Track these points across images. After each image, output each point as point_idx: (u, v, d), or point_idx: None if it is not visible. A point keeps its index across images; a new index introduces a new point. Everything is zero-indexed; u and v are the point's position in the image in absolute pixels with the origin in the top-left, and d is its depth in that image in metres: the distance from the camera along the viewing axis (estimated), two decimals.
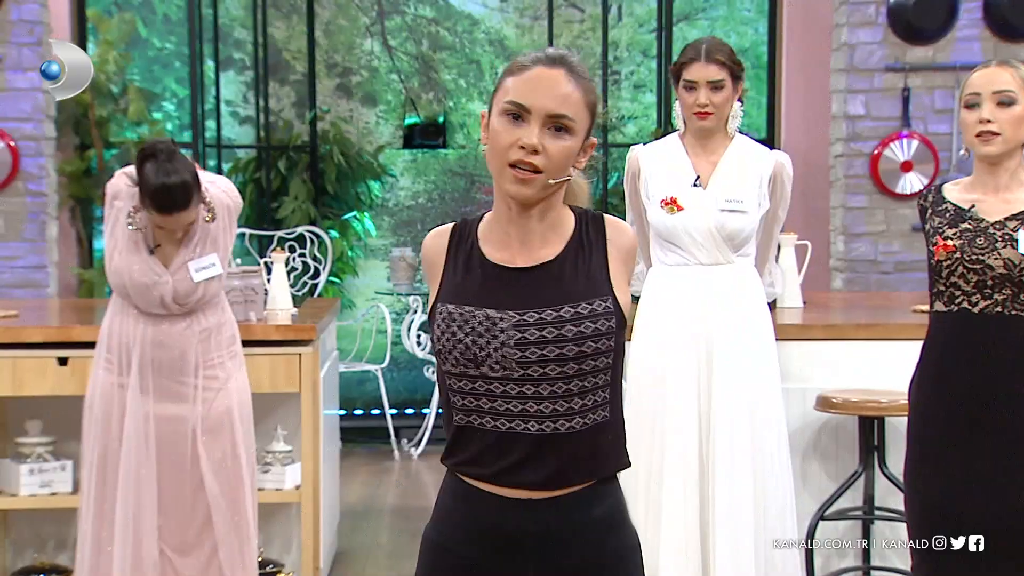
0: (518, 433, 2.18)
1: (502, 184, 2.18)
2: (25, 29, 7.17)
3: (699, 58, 4.03)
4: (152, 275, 3.96)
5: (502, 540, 2.21)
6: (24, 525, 4.99)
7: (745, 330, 4.05)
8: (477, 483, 2.22)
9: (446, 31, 8.99)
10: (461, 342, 2.18)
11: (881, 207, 7.57)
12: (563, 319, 2.17)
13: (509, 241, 2.24)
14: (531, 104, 2.15)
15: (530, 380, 2.17)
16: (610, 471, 2.26)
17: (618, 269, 2.26)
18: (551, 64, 2.17)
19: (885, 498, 4.51)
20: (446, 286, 2.25)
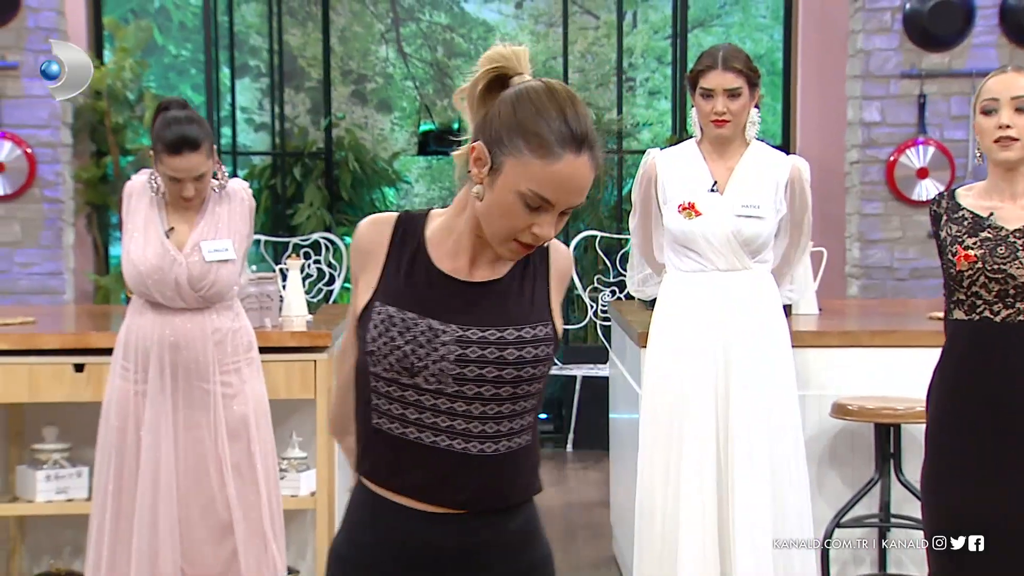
0: (441, 449, 2.12)
1: (496, 246, 2.12)
2: (41, 36, 7.19)
3: (716, 66, 4.02)
4: (167, 257, 3.98)
5: (418, 556, 2.15)
6: (41, 531, 5.00)
7: (762, 336, 4.04)
8: (393, 495, 2.15)
9: (461, 38, 9.00)
10: (399, 349, 2.11)
11: (897, 214, 7.55)
12: (505, 341, 2.12)
13: (460, 252, 2.17)
14: (558, 202, 2.08)
15: (463, 397, 2.11)
16: (524, 496, 2.21)
17: (556, 294, 2.22)
18: (578, 150, 2.05)
19: (901, 505, 4.50)
20: (386, 285, 2.17)
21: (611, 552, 5.76)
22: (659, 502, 4.02)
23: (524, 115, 2.07)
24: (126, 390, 4.02)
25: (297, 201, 8.43)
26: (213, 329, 4.04)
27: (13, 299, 7.14)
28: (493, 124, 2.09)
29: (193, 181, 3.99)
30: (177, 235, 4.04)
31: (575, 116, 2.07)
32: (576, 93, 2.14)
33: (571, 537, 6.17)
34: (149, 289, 4.00)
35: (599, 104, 8.80)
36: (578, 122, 2.07)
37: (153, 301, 4.03)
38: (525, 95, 2.09)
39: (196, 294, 4.01)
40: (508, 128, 2.07)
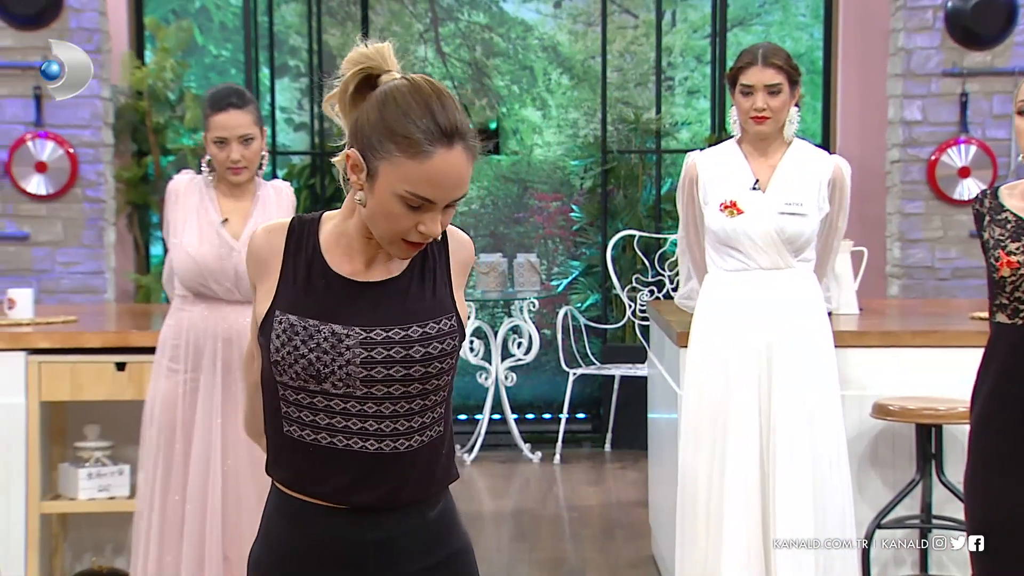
0: (355, 451, 2.11)
1: (387, 247, 2.11)
2: (84, 37, 7.24)
3: (756, 62, 4.02)
4: (225, 247, 4.00)
5: (340, 553, 2.14)
6: (82, 529, 5.04)
7: (805, 336, 4.02)
8: (309, 499, 2.14)
9: (499, 37, 9.00)
10: (304, 357, 2.09)
11: (938, 213, 7.50)
12: (411, 339, 2.10)
13: (354, 254, 2.16)
14: (437, 199, 2.06)
15: (372, 399, 2.10)
16: (442, 486, 2.20)
17: (459, 282, 2.21)
18: (449, 144, 2.04)
19: (943, 506, 4.47)
20: (284, 294, 2.14)
21: (650, 552, 5.75)
22: (702, 502, 4.01)
23: (390, 118, 2.06)
24: (173, 389, 4.02)
25: (336, 200, 8.45)
26: None
27: (55, 298, 7.20)
28: (364, 130, 2.09)
29: (240, 144, 4.00)
30: (232, 226, 4.06)
31: (441, 110, 2.06)
32: (444, 85, 2.13)
33: (609, 537, 6.17)
34: (206, 281, 4.00)
35: (637, 103, 8.79)
36: (445, 115, 2.05)
37: (206, 295, 4.03)
38: (390, 96, 2.08)
39: None
40: (377, 133, 2.07)
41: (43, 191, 7.28)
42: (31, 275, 7.23)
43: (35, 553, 4.70)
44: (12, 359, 4.68)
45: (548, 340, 8.36)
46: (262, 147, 4.08)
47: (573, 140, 8.91)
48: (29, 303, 5.10)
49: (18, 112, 7.24)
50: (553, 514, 6.64)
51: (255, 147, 4.04)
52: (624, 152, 8.53)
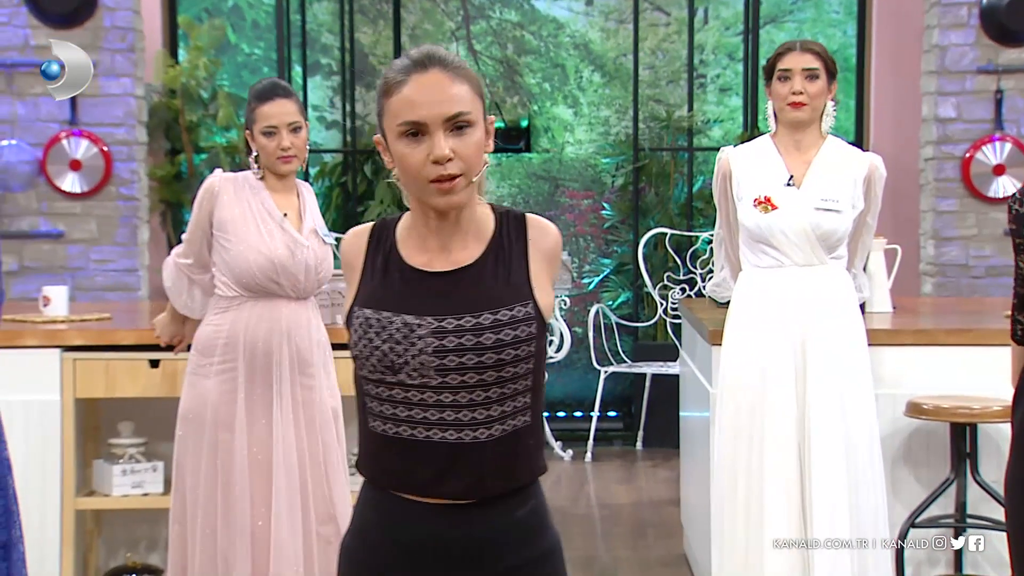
0: (436, 442, 2.12)
1: (429, 200, 2.13)
2: (118, 36, 7.29)
3: (795, 48, 4.04)
4: (294, 242, 4.02)
5: (427, 549, 2.15)
6: (117, 525, 5.06)
7: (839, 333, 4.00)
8: (397, 492, 2.16)
9: (531, 35, 9.00)
10: (378, 349, 2.12)
11: (972, 211, 7.46)
12: (482, 326, 2.11)
13: (427, 245, 2.18)
14: (424, 116, 2.08)
15: (448, 388, 2.11)
16: (530, 478, 2.20)
17: (540, 271, 2.19)
18: (423, 68, 2.10)
19: (977, 506, 4.44)
20: (363, 290, 2.19)
21: (682, 551, 5.73)
22: (742, 500, 4.00)
23: (380, 82, 2.16)
24: (227, 390, 3.98)
25: (368, 198, 8.47)
26: (308, 319, 4.08)
27: (89, 295, 7.24)
28: (376, 112, 2.19)
29: (289, 132, 4.02)
30: (289, 221, 4.08)
31: (416, 51, 2.13)
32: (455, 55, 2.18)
33: (641, 535, 6.16)
34: (278, 278, 3.99)
35: (669, 101, 8.77)
36: (419, 52, 2.13)
37: (269, 293, 4.01)
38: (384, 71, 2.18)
39: (316, 278, 4.06)
40: (376, 103, 2.16)
41: (77, 189, 7.33)
42: (66, 272, 7.28)
43: (69, 549, 4.73)
44: (47, 356, 4.71)
45: (579, 338, 8.35)
46: (307, 140, 4.11)
47: (604, 138, 8.90)
48: (64, 300, 5.13)
49: (53, 110, 7.29)
50: (584, 512, 6.64)
51: (303, 136, 4.06)
52: (656, 150, 8.52)
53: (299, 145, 4.05)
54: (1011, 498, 3.22)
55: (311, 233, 4.08)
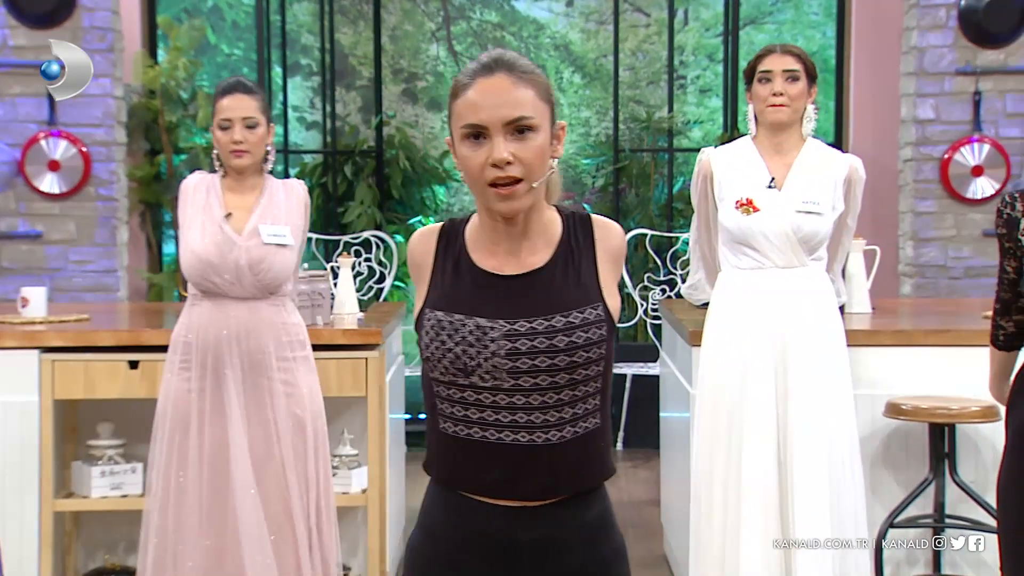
0: (507, 444, 2.14)
1: (490, 204, 2.14)
2: (97, 36, 7.26)
3: (775, 50, 4.06)
4: (227, 241, 4.01)
5: (494, 549, 2.17)
6: (95, 527, 5.04)
7: (820, 334, 4.01)
8: (466, 493, 2.18)
9: (511, 36, 9.00)
10: (451, 351, 2.14)
11: (951, 212, 7.49)
12: (554, 328, 2.13)
13: (497, 249, 2.20)
14: (485, 120, 2.10)
15: (520, 390, 2.13)
16: (599, 480, 2.22)
17: (607, 272, 2.22)
18: (489, 72, 2.12)
19: (956, 506, 4.46)
20: (434, 292, 2.21)
21: (662, 551, 5.74)
22: (719, 501, 4.00)
23: (452, 84, 2.18)
24: (185, 388, 4.02)
25: (348, 199, 8.46)
26: (270, 321, 4.06)
27: (68, 296, 7.21)
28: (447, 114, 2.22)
29: (244, 128, 4.03)
30: (235, 221, 4.07)
31: (486, 55, 2.15)
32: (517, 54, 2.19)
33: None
34: (209, 275, 4.01)
35: (649, 102, 8.78)
36: (488, 56, 2.15)
37: (212, 292, 4.04)
38: None
39: (255, 278, 4.02)
40: (448, 106, 2.19)
41: (56, 190, 7.30)
42: (44, 273, 7.25)
43: (48, 551, 4.71)
44: (25, 357, 4.69)
45: None
46: (268, 139, 4.11)
47: (585, 139, 8.90)
48: (42, 301, 5.11)
49: (31, 111, 7.26)
50: None
51: (259, 133, 4.06)
52: (636, 151, 8.53)
53: (253, 141, 4.05)
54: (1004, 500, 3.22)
55: (252, 233, 4.04)
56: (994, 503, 3.37)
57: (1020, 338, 3.31)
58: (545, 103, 2.15)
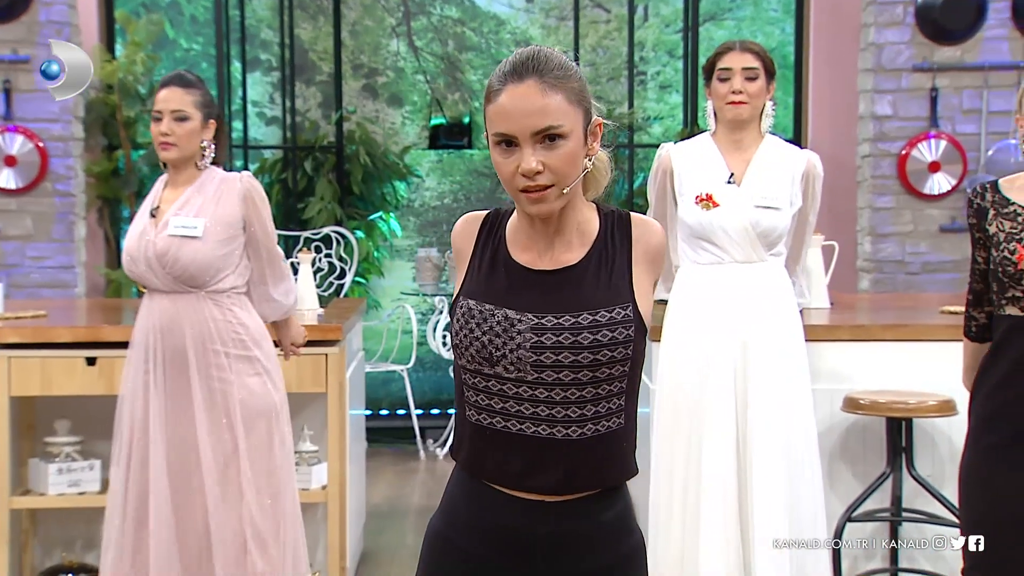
0: (528, 436, 2.16)
1: (522, 207, 2.18)
2: (53, 30, 7.20)
3: (734, 48, 4.08)
4: (144, 236, 4.00)
5: (511, 541, 2.19)
6: (52, 524, 5.01)
7: (778, 329, 4.03)
8: (488, 483, 2.21)
9: (472, 32, 9.00)
10: (478, 339, 2.17)
11: (908, 207, 7.54)
12: (580, 326, 2.15)
13: (533, 244, 2.23)
14: (514, 130, 2.12)
15: (543, 384, 2.15)
16: (619, 480, 2.23)
17: (642, 272, 2.23)
18: (519, 78, 2.13)
19: (912, 499, 4.49)
20: (469, 280, 2.25)
21: None
22: (678, 497, 4.01)
23: (487, 87, 2.18)
24: (132, 381, 4.00)
25: (308, 195, 8.43)
26: (197, 317, 3.98)
27: (25, 293, 7.16)
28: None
29: (172, 120, 4.01)
30: (160, 214, 4.05)
31: (519, 55, 2.15)
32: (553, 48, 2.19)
33: None
34: (130, 267, 4.03)
35: (610, 98, 8.79)
36: (520, 57, 2.15)
37: (147, 287, 4.03)
38: None
39: (164, 271, 3.97)
40: (484, 106, 2.19)
41: (12, 185, 7.24)
42: (1, 270, 7.19)
43: (4, 548, 4.68)
44: None
45: None
46: (203, 134, 4.04)
47: None
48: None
49: None
50: None
51: (188, 127, 4.02)
52: None
53: (180, 134, 4.02)
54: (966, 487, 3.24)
55: (164, 225, 4.00)
56: (952, 497, 3.39)
57: (991, 329, 3.34)
58: (577, 106, 2.16)
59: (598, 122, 2.21)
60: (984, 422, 3.19)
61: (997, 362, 3.18)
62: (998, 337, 3.20)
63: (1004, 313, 3.17)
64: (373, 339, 8.23)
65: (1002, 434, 3.14)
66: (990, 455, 3.16)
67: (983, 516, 3.17)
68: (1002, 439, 3.13)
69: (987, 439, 3.17)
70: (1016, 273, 3.11)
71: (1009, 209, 3.17)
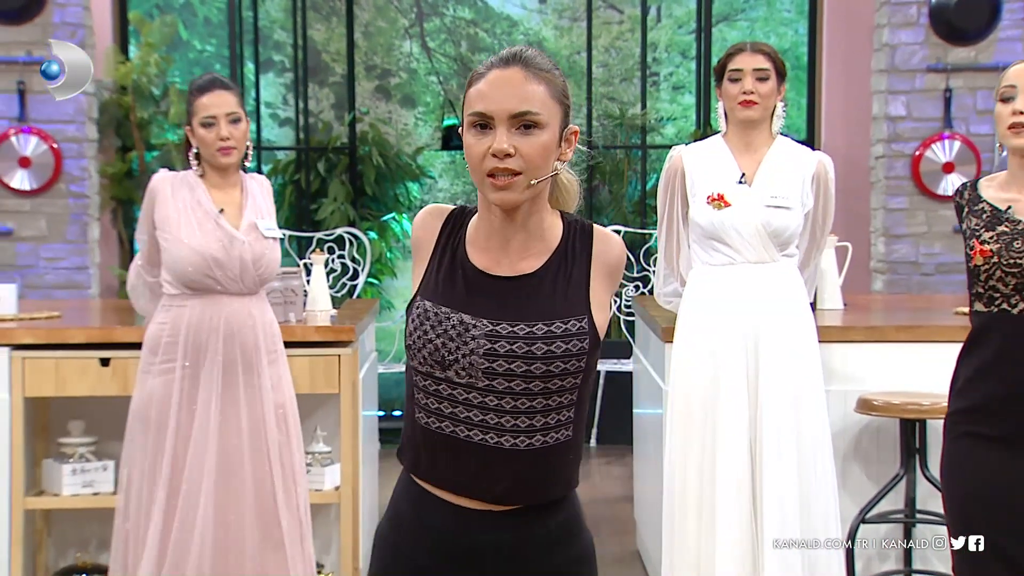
0: (475, 443, 2.14)
1: (485, 193, 2.14)
2: (67, 32, 7.22)
3: (745, 49, 4.08)
4: (227, 236, 3.99)
5: (457, 550, 2.17)
6: (67, 525, 5.02)
7: (791, 331, 4.03)
8: (432, 488, 2.18)
9: (484, 32, 9.00)
10: (431, 342, 2.14)
11: (922, 208, 7.52)
12: (534, 336, 2.13)
13: (491, 247, 2.19)
14: (492, 110, 2.10)
15: (494, 392, 2.13)
16: (563, 492, 2.21)
17: (600, 285, 2.20)
18: (505, 65, 2.13)
19: (927, 501, 4.48)
20: (428, 280, 2.21)
21: (635, 547, 5.75)
22: (693, 497, 4.01)
23: (471, 75, 2.19)
24: (166, 391, 3.98)
25: (321, 196, 8.44)
26: (260, 316, 4.05)
27: (39, 293, 7.17)
28: None
29: (228, 123, 4.01)
30: (228, 217, 4.05)
31: (508, 49, 2.16)
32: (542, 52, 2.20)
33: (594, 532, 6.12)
34: (213, 272, 3.98)
35: (623, 99, 8.79)
36: (509, 50, 2.15)
37: (207, 289, 3.99)
38: None
39: (256, 273, 4.02)
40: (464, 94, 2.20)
41: (27, 186, 7.26)
42: (15, 271, 7.21)
43: (19, 549, 4.69)
44: None
45: None
46: (248, 134, 4.09)
47: None
48: (13, 299, 5.08)
49: (1, 107, 7.22)
50: None
51: (243, 128, 4.05)
52: (609, 148, 8.54)
53: (238, 136, 4.03)
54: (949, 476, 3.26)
55: (250, 228, 4.04)
56: None
57: None
58: (557, 103, 2.14)
59: (574, 130, 2.19)
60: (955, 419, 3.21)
61: (966, 359, 3.22)
62: (969, 335, 3.23)
63: (974, 309, 3.21)
64: (386, 340, 8.23)
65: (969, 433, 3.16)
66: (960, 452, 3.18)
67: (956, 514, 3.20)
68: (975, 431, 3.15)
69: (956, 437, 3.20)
70: (974, 268, 3.16)
71: (978, 207, 3.21)
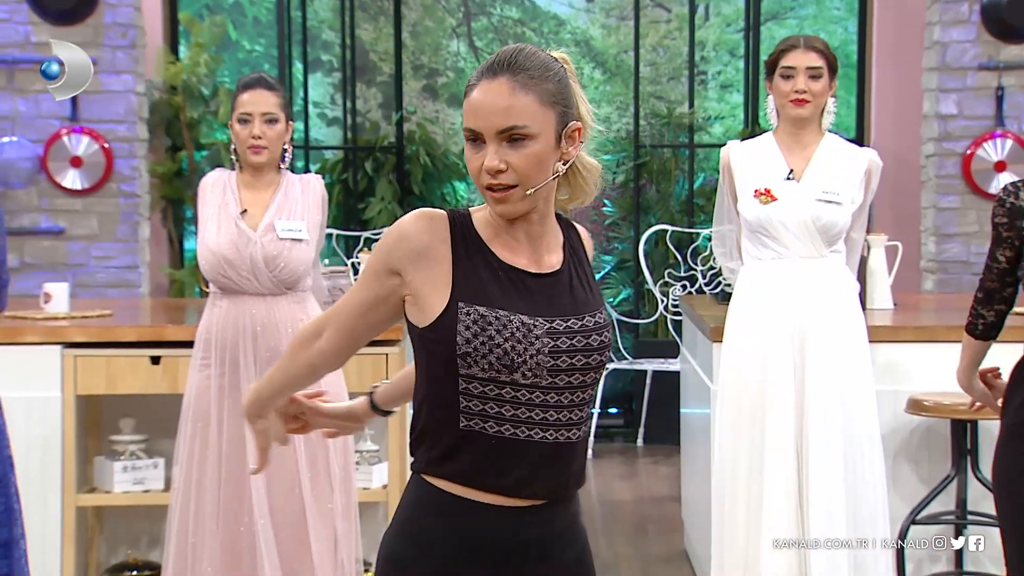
0: (536, 441, 2.14)
1: (489, 205, 2.16)
2: (119, 32, 7.28)
3: (799, 46, 4.05)
4: (242, 237, 4.01)
5: (501, 551, 2.15)
6: (118, 522, 5.06)
7: (840, 329, 4.01)
8: (479, 495, 2.14)
9: (532, 32, 9.00)
10: (499, 347, 2.10)
11: (973, 207, 7.45)
12: (587, 328, 2.17)
13: (519, 245, 2.18)
14: (479, 127, 2.10)
15: (555, 388, 2.14)
16: (584, 480, 2.27)
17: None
18: (492, 75, 2.11)
19: (978, 502, 4.44)
20: (464, 285, 2.13)
21: (682, 547, 5.74)
22: (742, 496, 4.00)
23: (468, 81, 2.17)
24: (205, 385, 4.03)
25: (368, 195, 8.47)
26: (289, 317, 4.05)
27: (91, 292, 7.24)
28: None
29: (263, 122, 4.02)
30: (251, 217, 4.07)
31: (500, 52, 2.14)
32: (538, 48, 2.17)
33: (641, 532, 6.16)
34: (226, 271, 4.01)
35: (670, 98, 8.77)
36: (499, 55, 2.13)
37: (230, 289, 4.04)
38: None
39: (271, 274, 4.01)
40: None
41: (78, 186, 7.32)
42: (66, 269, 7.27)
43: (71, 546, 4.73)
44: (48, 353, 4.71)
45: None
46: (286, 136, 4.09)
47: (605, 134, 8.89)
48: (65, 297, 5.13)
49: (54, 107, 7.28)
50: (585, 509, 6.60)
51: (278, 129, 4.05)
52: (657, 147, 8.52)
53: (271, 136, 4.04)
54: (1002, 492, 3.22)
55: (267, 228, 4.03)
56: None
57: (998, 328, 3.33)
58: (549, 108, 2.11)
59: (576, 126, 2.16)
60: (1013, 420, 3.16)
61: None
62: None
63: None
64: None
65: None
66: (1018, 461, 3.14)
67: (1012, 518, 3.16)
68: None
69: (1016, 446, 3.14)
70: None
71: None
